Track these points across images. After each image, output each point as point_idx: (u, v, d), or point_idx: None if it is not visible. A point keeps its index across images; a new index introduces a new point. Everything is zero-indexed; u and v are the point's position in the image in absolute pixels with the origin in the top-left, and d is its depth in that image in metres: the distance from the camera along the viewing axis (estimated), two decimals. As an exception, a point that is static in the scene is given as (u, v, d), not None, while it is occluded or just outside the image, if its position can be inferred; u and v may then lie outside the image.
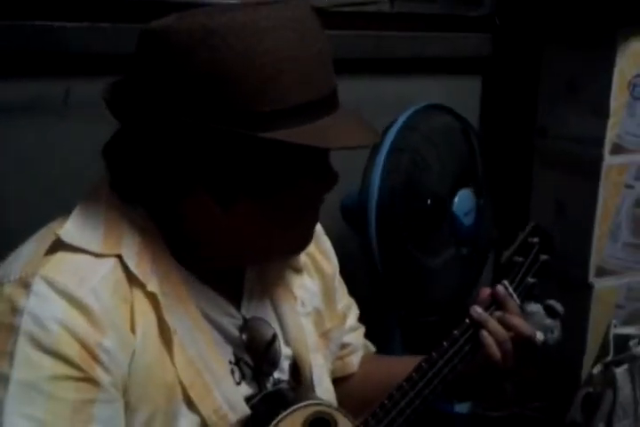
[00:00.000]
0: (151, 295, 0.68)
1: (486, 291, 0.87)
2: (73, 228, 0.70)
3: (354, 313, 0.99)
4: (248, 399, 0.76)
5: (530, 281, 0.90)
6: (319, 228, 0.93)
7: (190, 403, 0.70)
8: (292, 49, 0.65)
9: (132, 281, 0.68)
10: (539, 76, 1.68)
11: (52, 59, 1.47)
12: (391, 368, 0.92)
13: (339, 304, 0.94)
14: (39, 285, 0.64)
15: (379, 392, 0.82)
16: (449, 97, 1.61)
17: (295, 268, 0.86)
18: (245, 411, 0.74)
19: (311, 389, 0.83)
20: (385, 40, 1.63)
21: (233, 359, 0.77)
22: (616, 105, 1.49)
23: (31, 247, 0.70)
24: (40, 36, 1.46)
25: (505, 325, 0.83)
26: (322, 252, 0.92)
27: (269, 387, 0.79)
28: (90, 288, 0.65)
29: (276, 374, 0.81)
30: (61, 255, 0.67)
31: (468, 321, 0.84)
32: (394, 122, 1.36)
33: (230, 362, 0.77)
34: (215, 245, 0.73)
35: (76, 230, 0.69)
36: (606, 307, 1.57)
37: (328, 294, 0.91)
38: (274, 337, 0.81)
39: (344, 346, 0.95)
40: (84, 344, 0.63)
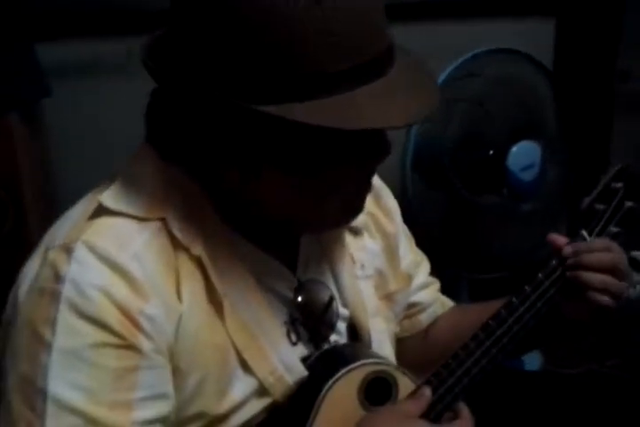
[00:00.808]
0: (196, 259, 0.67)
1: (559, 240, 0.80)
2: (116, 192, 0.68)
3: (423, 270, 0.95)
4: (304, 360, 0.75)
5: (612, 230, 0.82)
6: (381, 185, 0.89)
7: (246, 366, 0.69)
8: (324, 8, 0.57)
9: (177, 245, 0.67)
10: (622, 16, 1.56)
11: (112, 18, 1.47)
12: (475, 320, 0.84)
13: (402, 262, 0.90)
14: (80, 250, 0.63)
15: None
16: (519, 41, 1.52)
17: (354, 230, 0.83)
18: (302, 372, 0.72)
19: (369, 347, 0.80)
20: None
21: (288, 320, 0.76)
22: None
23: (76, 212, 0.69)
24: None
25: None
26: (384, 210, 0.88)
27: (327, 348, 0.77)
28: (132, 253, 0.64)
29: (333, 337, 0.79)
30: (104, 220, 0.66)
31: (554, 262, 0.78)
32: (449, 68, 1.29)
33: (285, 323, 0.75)
34: (260, 209, 0.71)
35: (118, 195, 0.68)
36: (694, 259, 1.50)
37: (391, 253, 0.88)
38: (331, 299, 0.79)
39: (412, 305, 0.93)
40: (124, 311, 0.62)
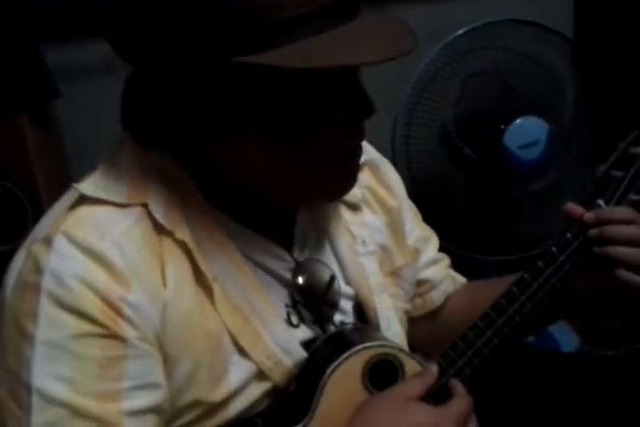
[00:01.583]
0: (181, 243, 0.65)
1: (577, 210, 0.74)
2: (95, 181, 0.67)
3: (432, 245, 0.91)
4: (309, 342, 0.72)
5: (632, 199, 0.76)
6: (380, 158, 0.86)
7: (242, 350, 0.67)
8: None
9: (161, 230, 0.65)
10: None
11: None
12: (489, 296, 0.79)
13: (409, 238, 0.86)
14: (60, 241, 0.62)
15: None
16: (535, 11, 1.46)
17: (351, 205, 0.80)
18: (301, 354, 0.70)
19: (377, 330, 0.77)
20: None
21: (290, 302, 0.73)
22: None
23: (58, 205, 0.68)
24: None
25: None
26: (383, 185, 0.84)
27: (332, 329, 0.74)
28: (112, 241, 0.62)
29: (338, 317, 0.76)
30: (83, 210, 0.65)
31: (569, 235, 0.72)
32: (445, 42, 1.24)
33: (287, 305, 0.73)
34: (245, 181, 0.68)
35: (97, 183, 0.67)
36: None
37: (395, 228, 0.84)
38: (332, 278, 0.75)
39: (422, 283, 0.89)
40: (105, 300, 0.60)
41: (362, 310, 0.78)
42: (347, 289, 0.77)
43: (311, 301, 0.74)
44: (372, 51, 0.59)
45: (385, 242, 0.83)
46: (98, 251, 0.62)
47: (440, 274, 0.91)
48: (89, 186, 0.67)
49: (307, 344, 0.72)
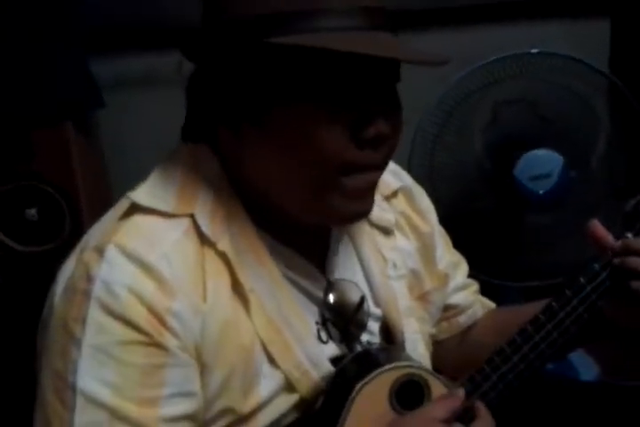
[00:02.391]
0: (222, 254, 0.67)
1: (600, 230, 0.75)
2: (146, 189, 0.70)
3: (462, 271, 0.93)
4: (336, 360, 0.74)
5: None
6: (414, 185, 0.89)
7: (272, 359, 0.69)
8: None
9: (204, 241, 0.67)
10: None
11: (165, 32, 1.52)
12: (515, 321, 0.81)
13: (439, 263, 0.89)
14: (111, 251, 0.65)
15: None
16: (572, 43, 1.48)
17: (384, 229, 0.83)
18: (328, 368, 0.72)
19: (403, 350, 0.79)
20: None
21: (319, 320, 0.75)
22: None
23: (108, 215, 0.71)
24: (154, 10, 1.52)
25: None
26: (417, 211, 0.87)
27: (358, 349, 0.76)
28: (161, 253, 0.65)
29: (365, 337, 0.78)
30: (134, 220, 0.68)
31: (596, 266, 0.73)
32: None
33: (317, 323, 0.75)
34: (262, 193, 0.70)
35: (149, 191, 0.70)
36: None
37: (426, 253, 0.87)
38: (362, 299, 0.78)
39: (449, 307, 0.91)
40: (151, 309, 0.63)
41: (388, 332, 0.80)
42: (375, 310, 0.79)
43: (340, 319, 0.76)
44: (405, 53, 0.62)
45: (415, 266, 0.85)
46: (147, 262, 0.64)
47: (468, 299, 0.92)
48: (141, 195, 0.69)
49: (334, 361, 0.74)
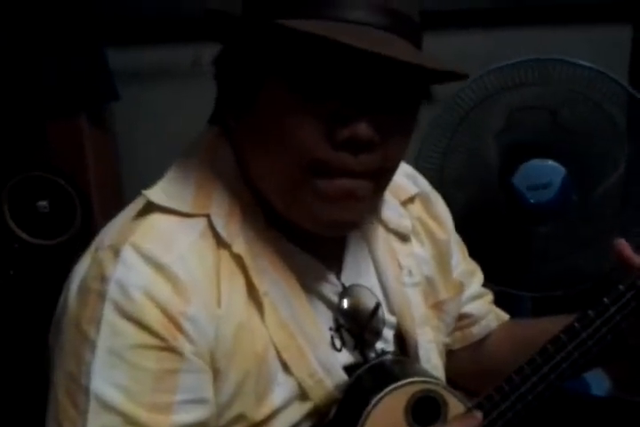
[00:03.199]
0: (237, 257, 0.66)
1: (627, 249, 0.73)
2: (163, 187, 0.69)
3: (477, 280, 0.92)
4: (350, 368, 0.73)
5: None
6: (431, 191, 0.88)
7: (285, 366, 0.68)
8: None
9: (220, 243, 0.66)
10: None
11: (181, 25, 1.51)
12: (532, 334, 0.82)
13: (454, 271, 0.88)
14: (127, 252, 0.64)
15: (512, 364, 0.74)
16: (593, 49, 1.47)
17: (401, 235, 0.81)
18: (342, 377, 0.71)
19: (418, 362, 0.78)
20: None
21: (334, 326, 0.74)
22: None
23: (125, 212, 0.70)
24: (170, 3, 1.51)
25: None
26: (433, 217, 0.86)
27: (373, 357, 0.75)
28: (178, 254, 0.64)
29: (379, 344, 0.77)
30: (150, 219, 0.67)
31: (622, 287, 0.72)
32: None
33: (331, 329, 0.74)
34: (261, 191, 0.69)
35: (165, 190, 0.69)
36: None
37: (442, 261, 0.86)
38: (377, 306, 0.77)
39: (463, 317, 0.90)
40: (166, 313, 0.62)
41: (402, 340, 0.79)
42: (390, 318, 0.78)
43: (355, 326, 0.75)
44: (393, 50, 0.57)
45: (431, 274, 0.84)
46: (163, 264, 0.63)
47: (483, 309, 0.91)
48: (157, 193, 0.68)
49: (347, 369, 0.73)
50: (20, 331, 1.35)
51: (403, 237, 0.82)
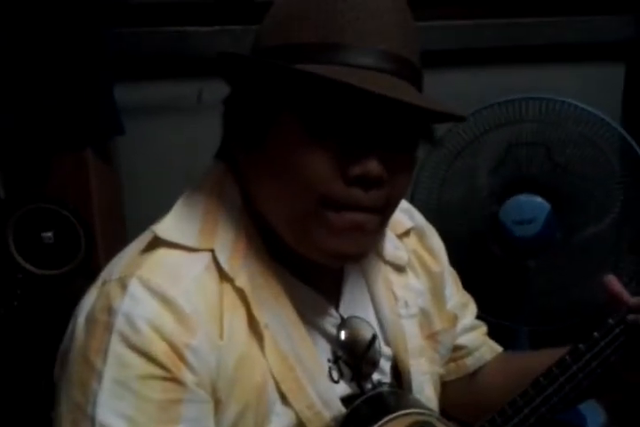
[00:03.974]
0: (239, 290, 0.68)
1: (615, 285, 0.76)
2: (170, 222, 0.71)
3: (470, 312, 0.94)
4: (347, 399, 0.75)
5: None
6: (426, 225, 0.90)
7: (284, 398, 0.69)
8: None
9: (223, 276, 0.69)
10: None
11: (185, 61, 1.56)
12: (525, 367, 0.85)
13: (449, 303, 0.90)
14: (134, 285, 0.65)
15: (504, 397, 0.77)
16: (587, 87, 1.51)
17: (397, 267, 0.84)
18: (340, 409, 0.72)
19: (412, 394, 0.79)
20: (515, 27, 1.56)
21: (332, 358, 0.76)
22: None
23: (132, 246, 0.72)
24: (175, 41, 1.56)
25: None
26: (428, 250, 0.88)
27: (369, 388, 0.77)
28: (183, 289, 0.66)
29: (376, 376, 0.78)
30: (158, 254, 0.69)
31: (611, 321, 0.74)
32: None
33: (329, 360, 0.75)
34: (269, 222, 0.71)
35: (172, 224, 0.71)
36: None
37: (436, 293, 0.88)
38: (373, 337, 0.79)
39: (457, 348, 0.91)
40: (171, 344, 0.63)
41: (398, 371, 0.81)
42: (386, 349, 0.80)
43: (352, 357, 0.76)
44: (397, 93, 0.61)
45: (426, 306, 0.85)
46: (169, 297, 0.65)
47: (476, 341, 0.93)
48: (164, 228, 0.70)
49: (344, 400, 0.74)
50: (24, 361, 1.36)
51: (399, 268, 0.84)
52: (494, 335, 0.97)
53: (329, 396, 0.72)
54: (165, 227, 0.71)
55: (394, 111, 0.64)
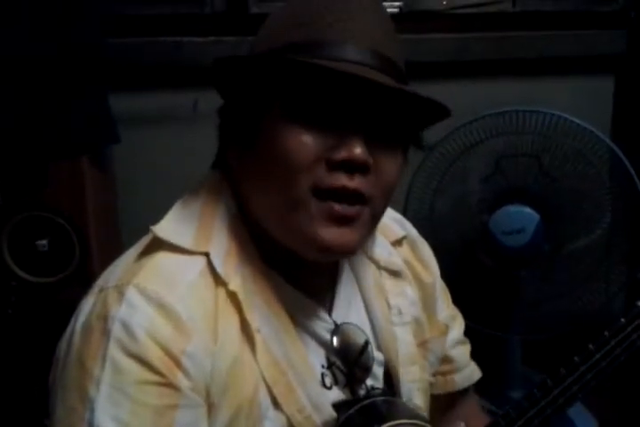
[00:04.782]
0: (233, 295, 0.69)
1: None
2: (168, 222, 0.73)
3: (458, 324, 0.95)
4: (339, 405, 0.75)
5: None
6: (417, 236, 0.91)
7: (276, 402, 0.70)
8: None
9: (217, 280, 0.69)
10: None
11: (181, 71, 1.57)
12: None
13: (440, 314, 0.91)
14: (131, 293, 0.66)
15: None
16: (577, 99, 1.53)
17: (393, 272, 0.84)
18: (331, 414, 0.73)
19: (405, 402, 0.80)
20: (507, 41, 1.58)
21: (325, 364, 0.76)
22: None
23: (130, 252, 0.73)
24: (171, 51, 1.57)
25: None
26: (419, 260, 0.89)
27: (362, 394, 0.78)
28: (179, 295, 0.67)
29: (369, 381, 0.79)
30: (155, 258, 0.70)
31: (613, 343, 0.77)
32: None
33: (323, 366, 0.76)
34: (260, 223, 0.73)
35: (170, 225, 0.72)
36: None
37: (427, 303, 0.89)
38: (366, 343, 0.79)
39: (446, 361, 0.92)
40: (167, 351, 0.64)
41: (390, 377, 0.82)
42: (378, 355, 0.81)
43: (346, 363, 0.77)
44: (379, 78, 0.65)
45: (418, 315, 0.86)
46: (166, 304, 0.66)
47: (465, 358, 0.94)
48: (163, 228, 0.72)
49: (336, 406, 0.75)
50: (19, 369, 1.36)
51: (394, 273, 0.85)
52: (486, 346, 0.98)
53: (319, 400, 0.73)
54: (164, 227, 0.72)
55: (374, 95, 0.66)
